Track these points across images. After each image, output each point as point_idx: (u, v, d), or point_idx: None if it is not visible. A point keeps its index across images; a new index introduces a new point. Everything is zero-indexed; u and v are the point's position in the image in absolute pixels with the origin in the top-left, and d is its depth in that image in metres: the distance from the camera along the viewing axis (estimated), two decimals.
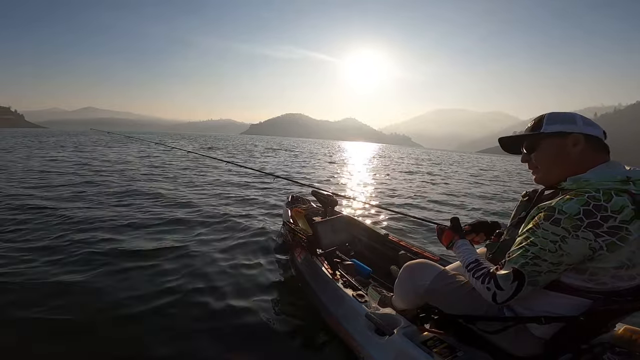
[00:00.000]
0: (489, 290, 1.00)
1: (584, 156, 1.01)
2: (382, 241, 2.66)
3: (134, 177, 7.37)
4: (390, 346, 1.36)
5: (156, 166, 9.98)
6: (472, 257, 1.16)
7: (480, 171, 19.00)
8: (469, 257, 1.17)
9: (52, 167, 8.39)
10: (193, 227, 3.82)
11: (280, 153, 22.17)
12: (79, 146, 17.16)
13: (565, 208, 0.91)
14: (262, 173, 6.86)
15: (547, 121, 1.07)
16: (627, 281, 0.94)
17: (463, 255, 1.20)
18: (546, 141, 1.07)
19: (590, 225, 0.88)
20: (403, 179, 11.32)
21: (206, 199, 5.50)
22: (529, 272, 0.95)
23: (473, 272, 1.10)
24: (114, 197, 5.18)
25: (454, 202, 7.30)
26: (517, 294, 0.97)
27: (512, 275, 0.96)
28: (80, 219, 3.78)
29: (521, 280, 0.95)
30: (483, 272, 1.06)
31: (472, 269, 1.11)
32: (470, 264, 1.13)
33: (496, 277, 0.99)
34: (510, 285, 0.96)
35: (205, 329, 1.90)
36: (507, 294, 0.97)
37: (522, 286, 0.96)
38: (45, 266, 2.53)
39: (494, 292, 0.99)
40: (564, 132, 1.03)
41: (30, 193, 5.13)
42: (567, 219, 0.90)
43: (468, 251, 1.21)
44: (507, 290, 0.97)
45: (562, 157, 1.04)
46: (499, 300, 0.99)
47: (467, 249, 1.23)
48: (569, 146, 1.02)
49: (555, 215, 0.92)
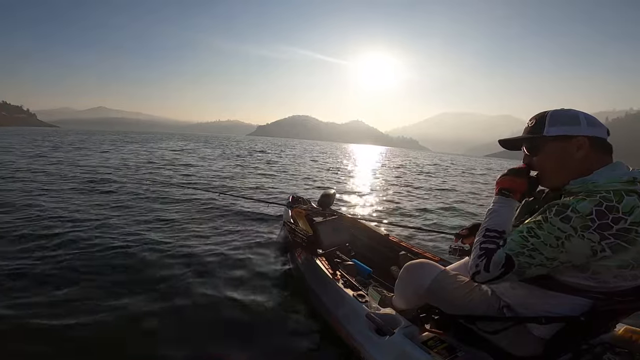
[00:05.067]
0: (476, 267, 0.99)
1: (588, 159, 0.99)
2: (382, 241, 2.66)
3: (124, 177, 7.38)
4: (390, 346, 1.36)
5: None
6: (502, 226, 1.05)
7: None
8: (501, 223, 1.06)
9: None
10: (192, 227, 3.83)
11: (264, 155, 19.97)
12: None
13: (578, 207, 0.89)
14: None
15: (550, 122, 1.02)
16: (630, 281, 0.93)
17: (497, 216, 1.07)
18: (549, 145, 1.03)
19: (600, 227, 0.87)
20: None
21: (206, 199, 5.51)
22: (520, 262, 0.94)
23: (485, 240, 1.02)
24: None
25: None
26: (498, 279, 0.96)
27: (503, 261, 0.95)
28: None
29: (509, 268, 0.95)
30: (491, 247, 1.00)
31: (488, 237, 1.02)
32: (494, 231, 1.04)
33: (490, 260, 0.97)
34: (498, 270, 0.95)
35: (205, 329, 1.91)
36: (489, 276, 0.97)
37: (506, 274, 0.95)
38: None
39: (479, 270, 0.98)
40: (568, 135, 1.00)
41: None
42: (579, 218, 0.88)
43: (506, 215, 1.08)
44: (492, 273, 0.96)
45: (565, 161, 1.01)
46: (477, 279, 0.99)
47: (507, 212, 1.08)
48: (573, 150, 0.99)
49: (567, 213, 0.90)
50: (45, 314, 1.92)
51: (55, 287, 2.23)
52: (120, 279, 2.42)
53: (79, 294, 2.18)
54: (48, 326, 1.82)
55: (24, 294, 2.13)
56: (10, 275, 2.36)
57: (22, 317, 1.89)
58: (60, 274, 2.42)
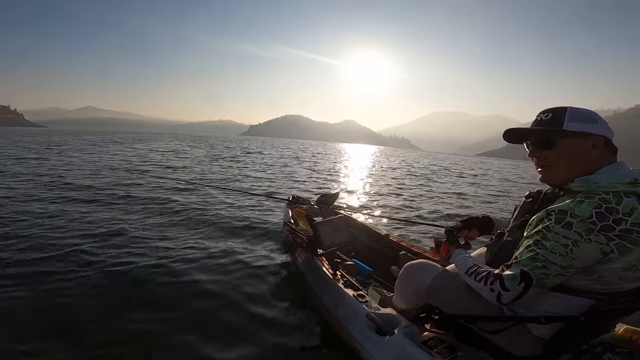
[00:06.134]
0: (492, 291, 0.98)
1: (600, 158, 0.99)
2: (382, 241, 2.66)
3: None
4: (390, 346, 1.36)
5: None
6: (469, 263, 1.15)
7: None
8: (467, 263, 1.17)
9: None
10: (191, 227, 3.83)
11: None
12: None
13: (577, 211, 0.89)
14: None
15: (570, 117, 1.00)
16: (632, 282, 0.94)
17: (461, 263, 1.20)
18: (567, 140, 1.01)
19: (602, 228, 0.87)
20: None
21: (205, 198, 5.51)
22: (537, 275, 0.93)
23: (474, 276, 1.08)
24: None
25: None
26: (524, 295, 0.95)
27: (519, 277, 0.94)
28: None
29: (528, 282, 0.94)
30: (484, 274, 1.04)
31: (472, 273, 1.10)
32: (469, 268, 1.13)
33: (502, 278, 0.97)
34: (517, 287, 0.94)
35: (205, 330, 1.91)
36: (512, 294, 0.95)
37: (529, 288, 0.94)
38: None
39: (499, 292, 0.97)
40: (587, 132, 0.99)
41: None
42: (580, 222, 0.88)
43: (465, 258, 1.21)
44: (513, 292, 0.95)
45: (580, 158, 1.00)
46: (504, 300, 0.97)
47: (463, 257, 1.23)
48: (588, 147, 0.99)
49: (567, 219, 0.90)
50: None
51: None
52: (120, 279, 2.42)
53: (77, 293, 2.19)
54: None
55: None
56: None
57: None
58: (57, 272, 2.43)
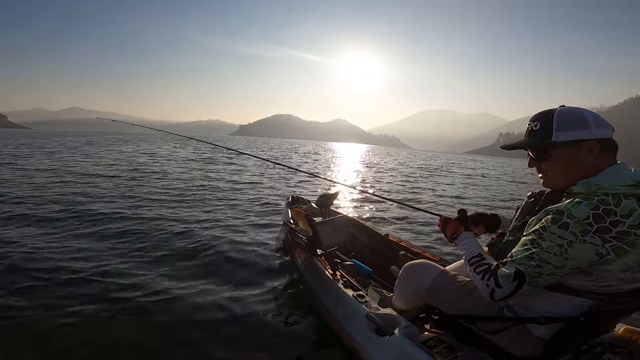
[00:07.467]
0: (487, 287, 0.99)
1: (597, 161, 0.98)
2: (382, 241, 2.66)
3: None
4: (390, 346, 1.36)
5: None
6: (475, 251, 1.14)
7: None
8: (473, 250, 1.15)
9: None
10: (189, 227, 3.83)
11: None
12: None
13: (574, 212, 0.89)
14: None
15: (558, 126, 0.99)
16: (631, 283, 0.94)
17: (467, 248, 1.18)
18: (559, 150, 1.01)
19: (598, 230, 0.87)
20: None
21: (204, 198, 5.51)
22: (530, 274, 0.94)
23: (475, 267, 1.08)
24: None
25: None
26: (515, 293, 0.96)
27: (513, 275, 0.95)
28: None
29: (521, 281, 0.95)
30: (484, 267, 1.04)
31: (474, 263, 1.09)
32: (473, 257, 1.11)
33: (497, 275, 0.98)
34: (510, 285, 0.95)
35: (205, 330, 1.90)
36: (505, 292, 0.96)
37: (521, 286, 0.95)
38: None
39: (492, 289, 0.98)
40: (579, 139, 0.97)
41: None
42: (576, 223, 0.88)
43: (472, 244, 1.19)
44: (506, 289, 0.96)
45: (576, 165, 0.99)
46: (496, 297, 0.99)
47: (472, 241, 1.20)
48: (584, 154, 0.98)
49: (564, 219, 0.90)
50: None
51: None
52: (120, 279, 2.42)
53: (74, 294, 2.19)
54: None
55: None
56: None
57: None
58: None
